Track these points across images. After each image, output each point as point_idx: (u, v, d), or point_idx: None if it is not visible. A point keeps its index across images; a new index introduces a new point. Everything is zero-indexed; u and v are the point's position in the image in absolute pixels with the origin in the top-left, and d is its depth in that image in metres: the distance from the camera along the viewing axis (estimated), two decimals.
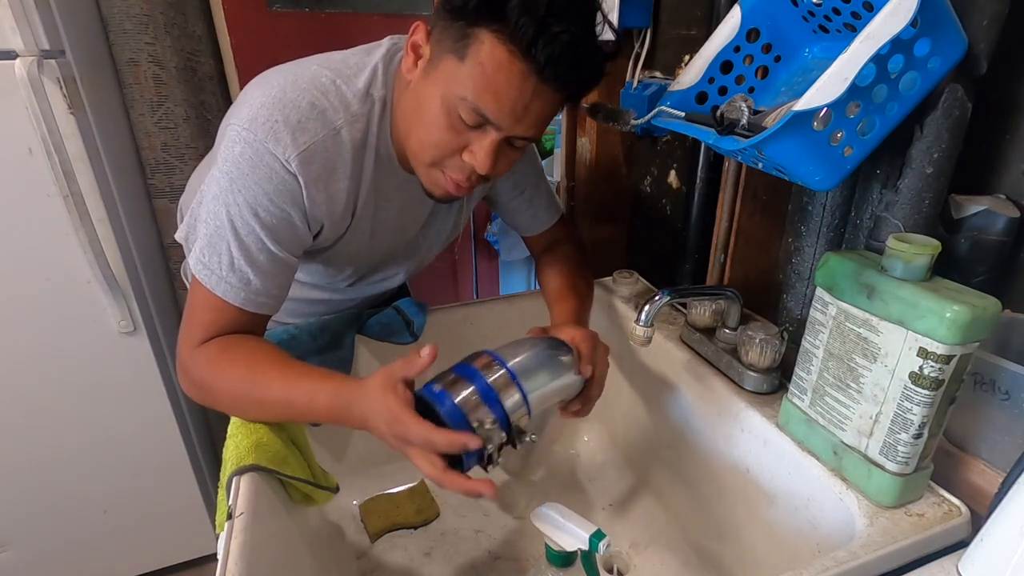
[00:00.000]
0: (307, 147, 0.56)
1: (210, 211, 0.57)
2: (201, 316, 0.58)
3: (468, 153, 0.56)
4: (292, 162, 0.55)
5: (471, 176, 0.58)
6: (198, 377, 0.58)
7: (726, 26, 0.60)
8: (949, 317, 0.43)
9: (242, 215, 0.56)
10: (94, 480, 1.23)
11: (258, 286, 0.58)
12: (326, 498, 0.63)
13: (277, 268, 0.59)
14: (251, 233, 0.56)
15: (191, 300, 0.59)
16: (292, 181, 0.56)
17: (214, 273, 0.57)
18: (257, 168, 0.55)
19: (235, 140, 0.55)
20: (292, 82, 0.57)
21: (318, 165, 0.57)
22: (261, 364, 0.57)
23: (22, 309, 1.05)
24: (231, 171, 0.55)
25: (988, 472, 0.51)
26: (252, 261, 0.57)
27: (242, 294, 0.57)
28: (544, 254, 0.84)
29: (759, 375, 0.65)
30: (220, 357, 0.57)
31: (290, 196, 0.57)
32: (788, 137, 0.46)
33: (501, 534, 0.77)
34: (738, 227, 0.77)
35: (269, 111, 0.55)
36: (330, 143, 0.57)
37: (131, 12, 1.04)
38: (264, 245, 0.57)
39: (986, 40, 0.47)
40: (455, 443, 0.47)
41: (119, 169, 1.07)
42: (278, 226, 0.57)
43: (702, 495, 0.73)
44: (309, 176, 0.56)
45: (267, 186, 0.55)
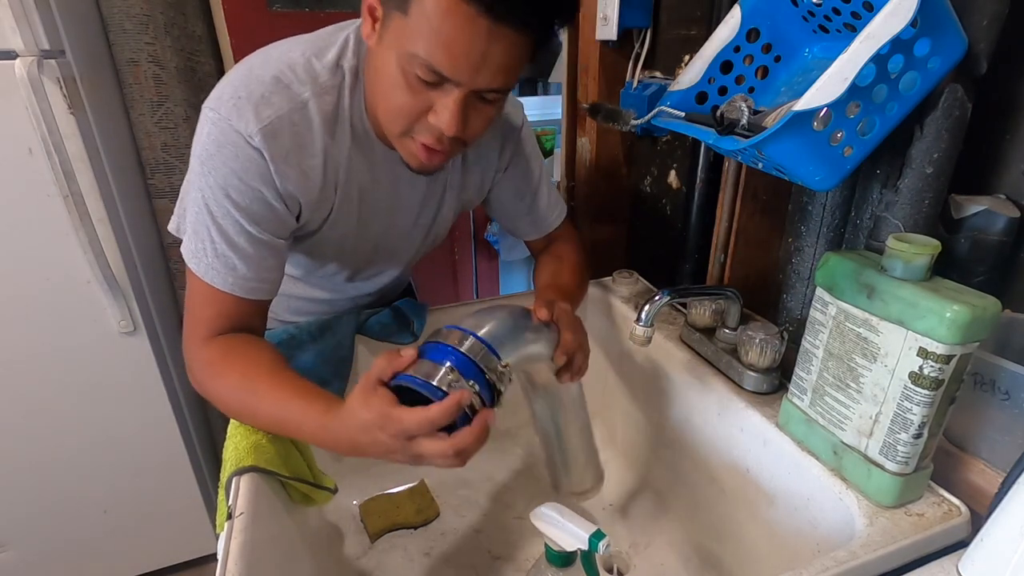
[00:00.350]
0: (270, 121, 0.54)
1: (191, 198, 0.57)
2: (200, 310, 0.58)
3: (433, 115, 0.52)
4: (255, 137, 0.54)
5: (441, 139, 0.54)
6: (199, 378, 0.58)
7: (726, 26, 0.60)
8: (949, 317, 0.43)
9: (216, 198, 0.55)
10: (94, 480, 1.23)
11: (244, 271, 0.57)
12: (325, 498, 0.63)
13: (260, 251, 0.58)
14: (227, 216, 0.56)
15: (189, 292, 0.59)
16: (257, 157, 0.54)
17: (202, 261, 0.56)
18: (223, 147, 0.54)
19: (203, 122, 0.55)
20: (262, 60, 0.56)
21: (285, 139, 0.55)
22: (256, 375, 0.55)
23: (22, 309, 1.05)
24: (201, 153, 0.55)
25: (988, 472, 0.51)
26: (233, 245, 0.56)
27: (230, 279, 0.57)
28: (542, 253, 0.83)
29: (759, 375, 0.65)
30: (219, 362, 0.57)
31: (258, 173, 0.55)
32: (788, 137, 0.46)
33: (501, 534, 0.77)
34: (738, 227, 0.77)
35: (234, 88, 0.54)
36: (296, 116, 0.56)
37: (131, 12, 1.04)
38: (242, 227, 0.56)
39: (986, 40, 0.47)
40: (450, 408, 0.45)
41: (119, 169, 1.07)
42: (252, 206, 0.56)
43: (702, 495, 0.73)
44: (275, 151, 0.55)
45: (234, 164, 0.54)
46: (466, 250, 1.76)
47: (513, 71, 0.51)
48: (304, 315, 0.80)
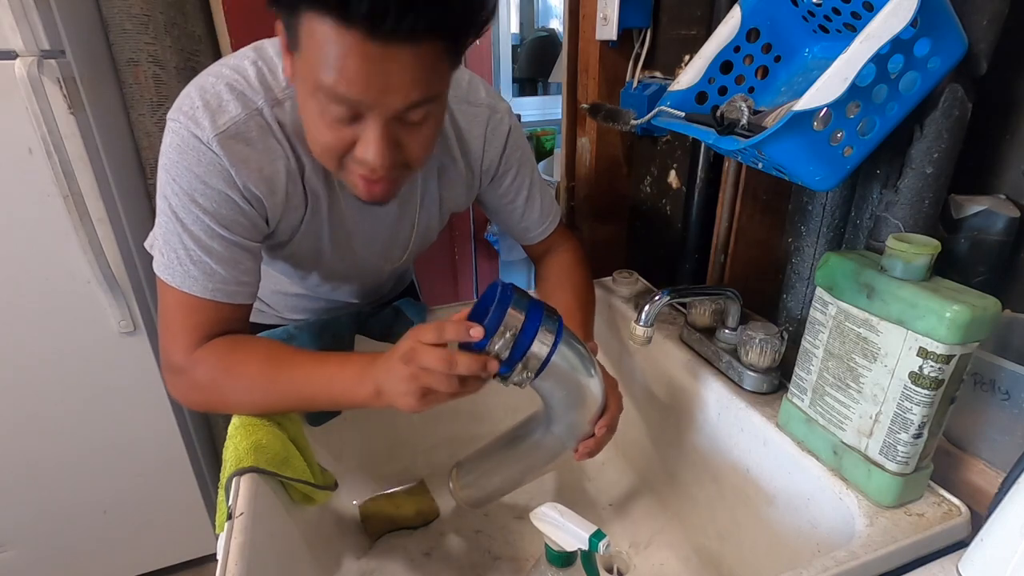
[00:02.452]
0: (226, 127, 0.54)
1: (159, 209, 0.57)
2: (182, 321, 0.58)
3: (359, 147, 0.51)
4: (213, 143, 0.54)
5: (375, 170, 0.52)
6: (207, 379, 0.57)
7: (726, 26, 0.60)
8: (949, 317, 0.43)
9: (183, 204, 0.55)
10: (94, 480, 1.23)
11: (223, 275, 0.57)
12: (325, 497, 0.63)
13: (235, 254, 0.58)
14: (196, 221, 0.56)
15: (163, 307, 0.58)
16: (218, 162, 0.55)
17: (176, 271, 0.56)
18: (185, 154, 0.54)
19: (166, 132, 0.56)
20: (216, 70, 0.57)
21: (242, 145, 0.56)
22: (278, 357, 0.57)
23: (22, 309, 1.05)
24: (165, 163, 0.55)
25: (988, 472, 0.51)
26: (207, 250, 0.56)
27: (209, 285, 0.57)
28: (541, 263, 0.82)
29: (759, 375, 0.65)
30: (231, 356, 0.57)
31: (221, 177, 0.55)
32: (788, 137, 0.46)
33: (501, 534, 0.77)
34: (738, 227, 0.77)
35: (191, 99, 0.55)
36: (253, 123, 0.56)
37: (131, 12, 1.04)
38: (213, 232, 0.56)
39: (986, 40, 0.47)
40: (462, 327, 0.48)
41: (119, 169, 1.07)
42: (219, 210, 0.56)
43: (702, 495, 0.73)
44: (233, 156, 0.55)
45: (197, 170, 0.55)
46: (466, 250, 1.76)
47: (427, 82, 0.48)
48: (303, 313, 0.80)
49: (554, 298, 0.75)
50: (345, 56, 0.44)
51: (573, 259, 0.81)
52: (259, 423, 0.58)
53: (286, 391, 0.57)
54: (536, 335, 0.49)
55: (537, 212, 0.79)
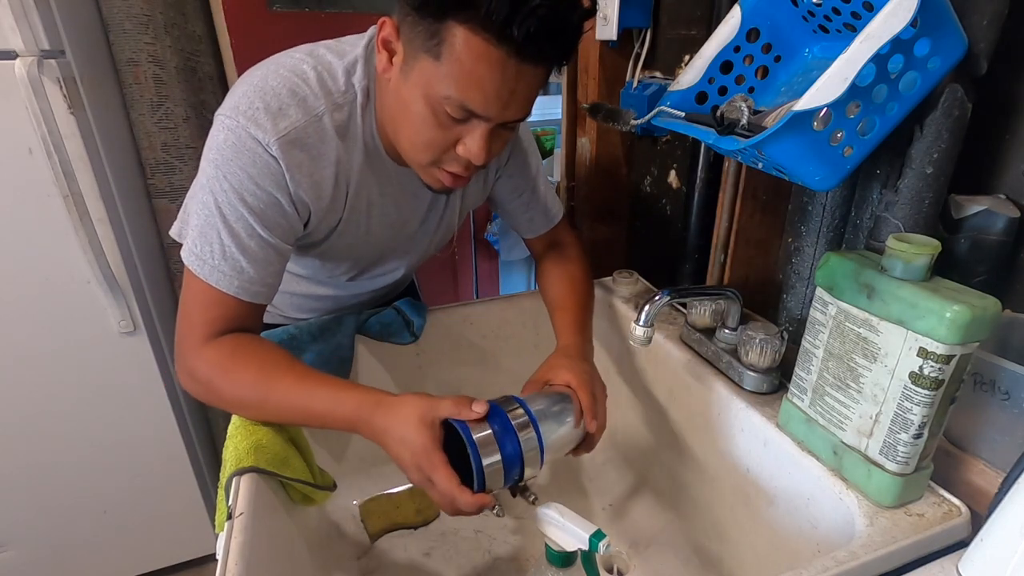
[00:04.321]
0: (287, 132, 0.56)
1: (199, 201, 0.57)
2: (200, 312, 0.58)
3: (462, 146, 0.56)
4: (272, 146, 0.55)
5: (468, 167, 0.58)
6: (205, 377, 0.58)
7: (726, 26, 0.60)
8: (949, 317, 0.43)
9: (230, 201, 0.56)
10: (94, 480, 1.23)
11: (251, 274, 0.58)
12: (324, 497, 0.63)
13: (268, 255, 0.59)
14: (240, 219, 0.56)
15: (186, 295, 0.59)
16: (274, 164, 0.56)
17: (206, 263, 0.57)
18: (240, 154, 0.55)
19: (219, 128, 0.56)
20: (274, 71, 0.58)
21: (300, 151, 0.57)
22: (275, 370, 0.57)
23: (22, 309, 1.05)
24: (216, 159, 0.56)
25: (988, 472, 0.51)
26: (243, 248, 0.57)
27: (236, 282, 0.57)
28: (543, 258, 0.83)
29: (759, 375, 0.65)
30: (231, 359, 0.57)
31: (273, 180, 0.56)
32: (788, 137, 0.46)
33: (501, 534, 0.77)
34: (738, 227, 0.77)
35: (250, 99, 0.55)
36: (312, 129, 0.57)
37: (131, 12, 1.04)
38: (254, 231, 0.57)
39: (986, 40, 0.47)
40: (475, 504, 0.49)
41: (119, 169, 1.07)
42: (266, 211, 0.57)
43: (702, 495, 0.73)
44: (291, 161, 0.56)
45: (251, 170, 0.55)
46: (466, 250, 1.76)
47: (533, 99, 0.55)
48: (307, 312, 0.80)
49: (555, 298, 0.76)
50: (488, 71, 0.49)
51: (574, 257, 0.82)
52: (259, 423, 0.58)
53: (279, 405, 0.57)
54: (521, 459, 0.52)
55: (542, 204, 0.80)
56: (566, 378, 0.61)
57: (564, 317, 0.73)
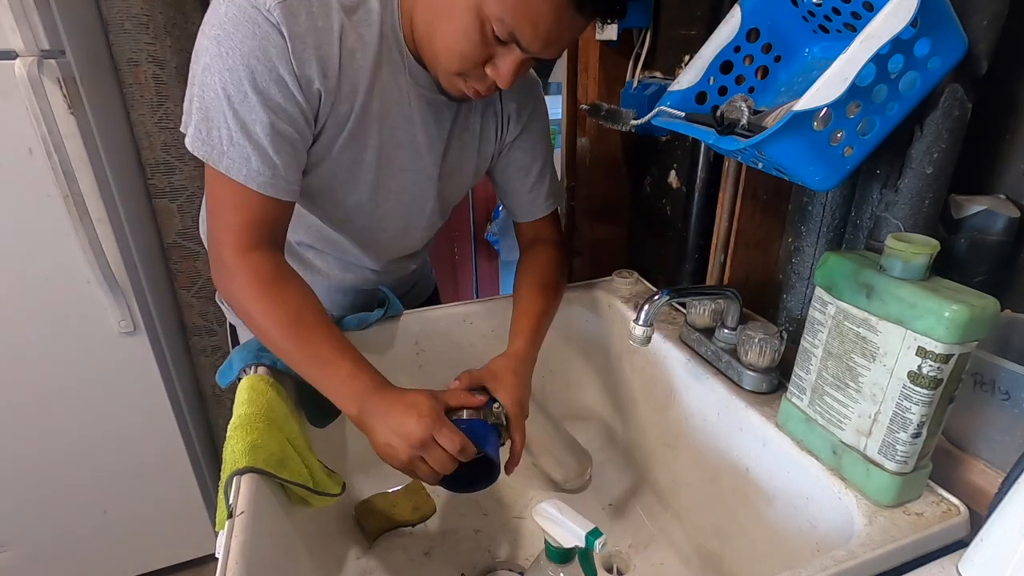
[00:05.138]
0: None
1: (202, 83, 0.55)
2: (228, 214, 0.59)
3: (492, 67, 0.57)
4: (274, 11, 0.53)
5: (491, 88, 0.60)
6: (240, 292, 0.59)
7: (726, 26, 0.60)
8: (948, 316, 0.43)
9: (235, 82, 0.54)
10: (94, 480, 1.23)
11: (257, 164, 0.57)
12: (323, 502, 0.63)
13: (276, 143, 0.57)
14: (245, 102, 0.55)
15: (209, 193, 0.60)
16: (275, 34, 0.53)
17: (215, 148, 0.56)
18: (240, 25, 0.53)
19: (217, 4, 0.54)
20: None
21: (303, 18, 0.54)
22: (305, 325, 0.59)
23: (22, 309, 1.05)
24: (217, 35, 0.53)
25: (988, 472, 0.51)
26: (249, 135, 0.56)
27: (244, 170, 0.56)
28: (526, 253, 0.83)
29: (758, 375, 0.65)
30: (270, 287, 0.59)
31: (276, 52, 0.54)
32: (788, 137, 0.46)
33: (501, 534, 0.77)
34: (738, 227, 0.77)
35: None
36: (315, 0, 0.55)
37: (131, 12, 1.04)
38: (259, 116, 0.55)
39: (986, 40, 0.47)
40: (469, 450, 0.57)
41: (119, 169, 1.07)
42: (270, 89, 0.55)
43: (701, 495, 0.73)
44: (293, 28, 0.54)
45: (252, 43, 0.53)
46: (466, 250, 1.76)
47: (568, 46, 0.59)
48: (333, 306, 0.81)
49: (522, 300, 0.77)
50: (548, 10, 0.51)
51: (554, 261, 0.81)
52: (258, 423, 0.58)
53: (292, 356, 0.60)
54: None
55: (547, 186, 0.80)
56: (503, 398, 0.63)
57: (524, 322, 0.73)
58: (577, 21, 0.54)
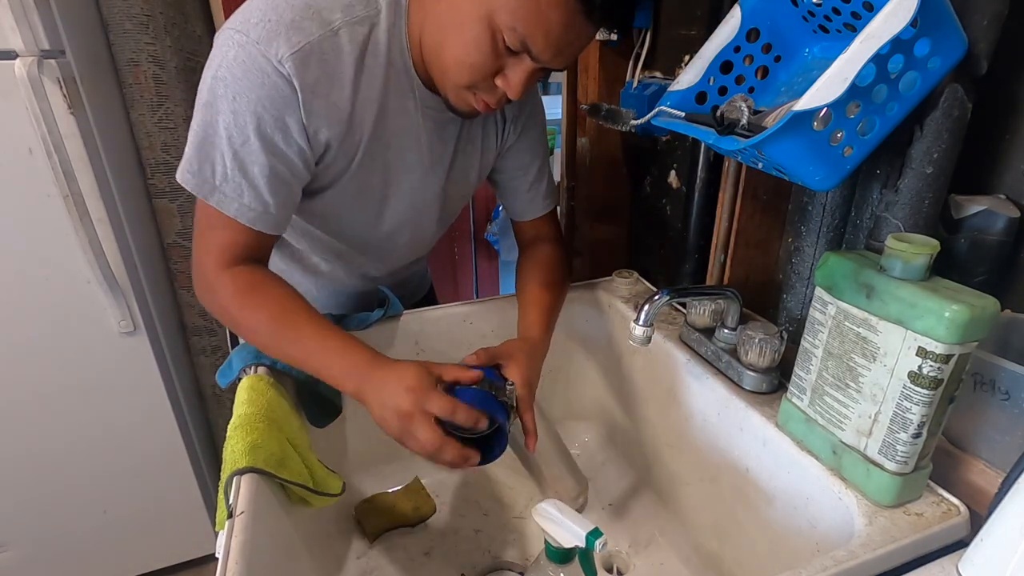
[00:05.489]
0: (301, 47, 0.53)
1: (201, 119, 0.55)
2: (211, 234, 0.59)
3: (502, 79, 0.57)
4: (286, 64, 0.52)
5: (501, 100, 0.59)
6: (221, 307, 0.60)
7: (726, 26, 0.60)
8: (948, 316, 0.43)
9: (238, 124, 0.54)
10: (94, 480, 1.23)
11: (250, 200, 0.57)
12: (322, 502, 0.63)
13: (273, 184, 0.58)
14: (245, 144, 0.55)
15: (197, 216, 0.60)
16: (286, 87, 0.54)
17: (206, 183, 0.56)
18: (249, 73, 0.53)
19: (226, 44, 0.53)
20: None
21: (314, 68, 0.54)
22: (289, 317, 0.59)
23: (22, 309, 1.05)
24: (224, 76, 0.53)
25: (988, 472, 0.51)
26: (246, 173, 0.56)
27: (234, 206, 0.57)
28: (528, 251, 0.83)
29: (758, 375, 0.65)
30: (250, 293, 0.59)
31: (284, 103, 0.54)
32: (788, 137, 0.46)
33: (501, 534, 0.77)
34: (738, 227, 0.77)
35: (262, 12, 0.53)
36: (327, 45, 0.55)
37: (131, 12, 1.04)
38: (259, 159, 0.56)
39: (986, 40, 0.47)
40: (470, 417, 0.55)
41: (119, 169, 1.08)
42: (272, 136, 0.55)
43: (701, 495, 0.73)
44: (304, 81, 0.54)
45: (260, 92, 0.53)
46: (466, 250, 1.76)
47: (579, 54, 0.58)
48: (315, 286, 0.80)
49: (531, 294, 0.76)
50: (560, 19, 0.51)
51: (557, 257, 0.82)
52: (258, 423, 0.58)
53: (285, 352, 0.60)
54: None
55: (545, 186, 0.81)
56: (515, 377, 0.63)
57: (534, 314, 0.73)
58: (587, 30, 0.54)
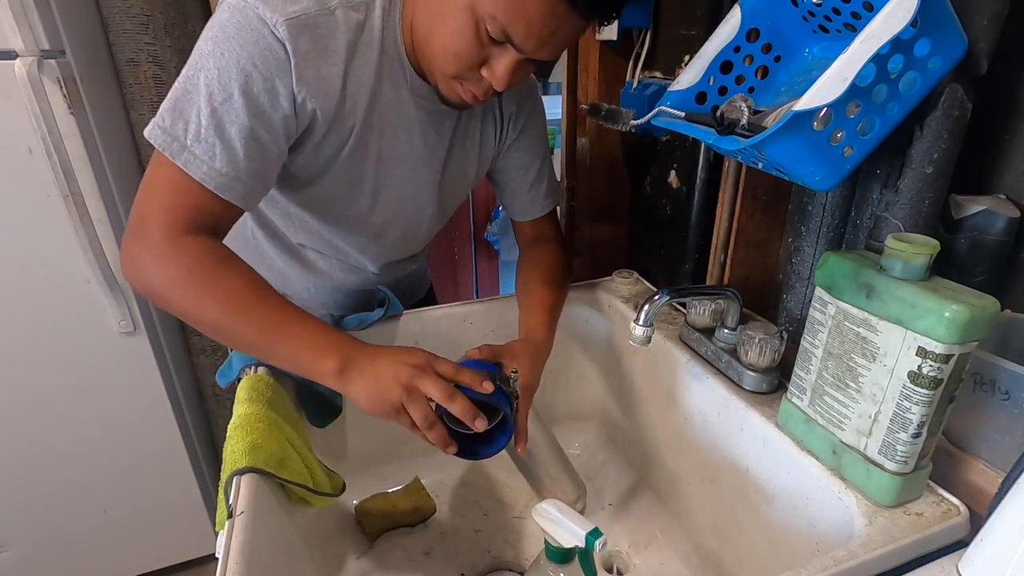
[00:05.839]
0: (297, 16, 0.53)
1: (182, 76, 0.53)
2: (170, 197, 0.53)
3: (487, 69, 0.56)
4: (280, 27, 0.52)
5: (488, 92, 0.58)
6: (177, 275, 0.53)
7: (726, 26, 0.60)
8: (948, 316, 0.43)
9: (221, 80, 0.52)
10: (94, 480, 1.23)
11: (224, 163, 0.54)
12: (322, 502, 0.63)
13: (251, 149, 0.55)
14: (226, 100, 0.53)
15: (151, 172, 0.54)
16: (280, 50, 0.53)
17: (176, 140, 0.52)
18: (243, 31, 0.52)
19: (224, 8, 0.53)
20: None
21: (308, 38, 0.54)
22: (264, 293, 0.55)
23: (22, 309, 1.05)
24: (215, 35, 0.53)
25: (988, 472, 0.51)
26: (221, 132, 0.53)
27: (204, 168, 0.53)
28: (528, 252, 0.83)
29: (758, 375, 0.65)
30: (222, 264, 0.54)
31: (276, 64, 0.53)
32: (788, 137, 0.46)
33: (501, 534, 0.77)
34: (738, 227, 0.77)
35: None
36: (322, 20, 0.55)
37: (131, 12, 1.04)
38: (238, 118, 0.53)
39: (986, 40, 0.47)
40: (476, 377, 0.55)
41: (119, 169, 1.08)
42: (259, 97, 0.54)
43: (701, 495, 0.73)
44: (298, 47, 0.53)
45: (253, 50, 0.52)
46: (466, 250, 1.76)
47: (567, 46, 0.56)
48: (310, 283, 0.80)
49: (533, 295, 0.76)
50: (540, 8, 0.50)
51: (557, 258, 0.81)
52: (258, 423, 0.58)
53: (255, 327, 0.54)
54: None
55: (546, 185, 0.80)
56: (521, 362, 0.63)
57: (538, 314, 0.73)
58: (572, 20, 0.52)
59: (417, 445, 0.88)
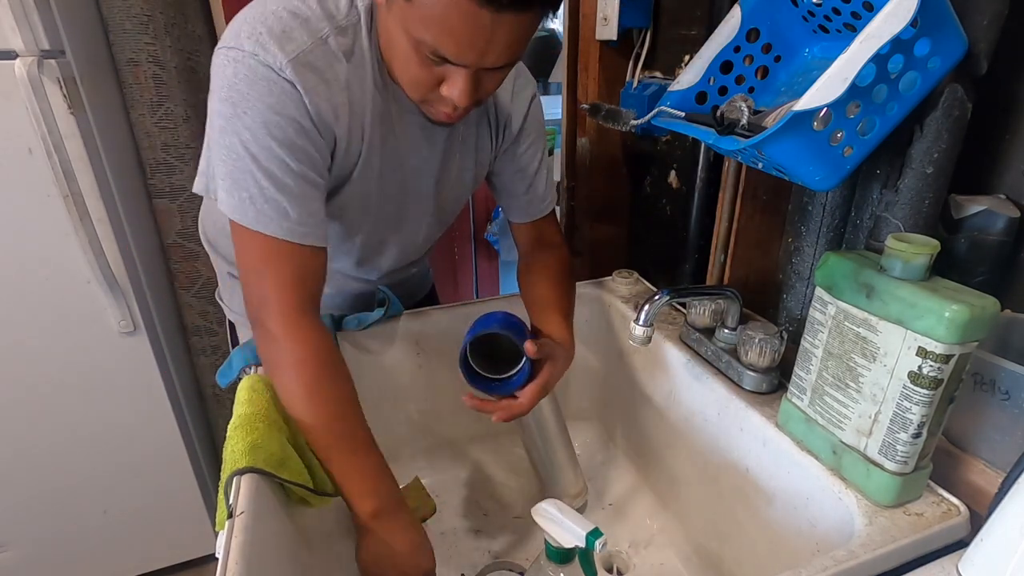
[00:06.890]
0: (296, 55, 0.53)
1: (223, 145, 0.55)
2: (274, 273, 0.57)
3: (445, 87, 0.54)
4: (286, 69, 0.53)
5: (456, 108, 0.57)
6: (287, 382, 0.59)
7: (726, 26, 0.60)
8: (948, 316, 0.43)
9: (257, 139, 0.54)
10: (94, 480, 1.23)
11: (295, 215, 0.56)
12: (322, 502, 0.63)
13: (305, 190, 0.57)
14: (271, 156, 0.54)
15: (246, 254, 0.58)
16: (291, 89, 0.54)
17: (249, 211, 0.55)
18: (255, 84, 0.53)
19: (224, 63, 0.54)
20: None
21: (311, 72, 0.55)
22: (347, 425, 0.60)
23: (22, 309, 1.05)
24: (232, 96, 0.53)
25: (988, 472, 0.51)
26: (281, 186, 0.55)
27: (284, 225, 0.56)
28: (531, 255, 0.82)
29: (758, 375, 0.65)
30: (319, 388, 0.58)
31: (294, 105, 0.54)
32: (788, 137, 0.46)
33: (501, 534, 0.77)
34: (738, 227, 0.77)
35: (251, 25, 0.53)
36: (319, 52, 0.55)
37: (131, 12, 1.04)
38: (287, 166, 0.55)
39: (986, 40, 0.47)
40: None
41: (119, 169, 1.07)
42: (294, 140, 0.55)
43: (701, 495, 0.73)
44: (306, 83, 0.54)
45: (269, 99, 0.53)
46: (466, 250, 1.76)
47: (520, 44, 0.51)
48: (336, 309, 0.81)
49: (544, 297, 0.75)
50: (459, 20, 0.47)
51: (562, 258, 0.81)
52: (258, 423, 0.58)
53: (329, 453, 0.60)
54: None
55: (543, 186, 0.80)
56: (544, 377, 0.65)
57: (554, 316, 0.72)
58: (503, 21, 0.47)
59: (417, 445, 0.88)
